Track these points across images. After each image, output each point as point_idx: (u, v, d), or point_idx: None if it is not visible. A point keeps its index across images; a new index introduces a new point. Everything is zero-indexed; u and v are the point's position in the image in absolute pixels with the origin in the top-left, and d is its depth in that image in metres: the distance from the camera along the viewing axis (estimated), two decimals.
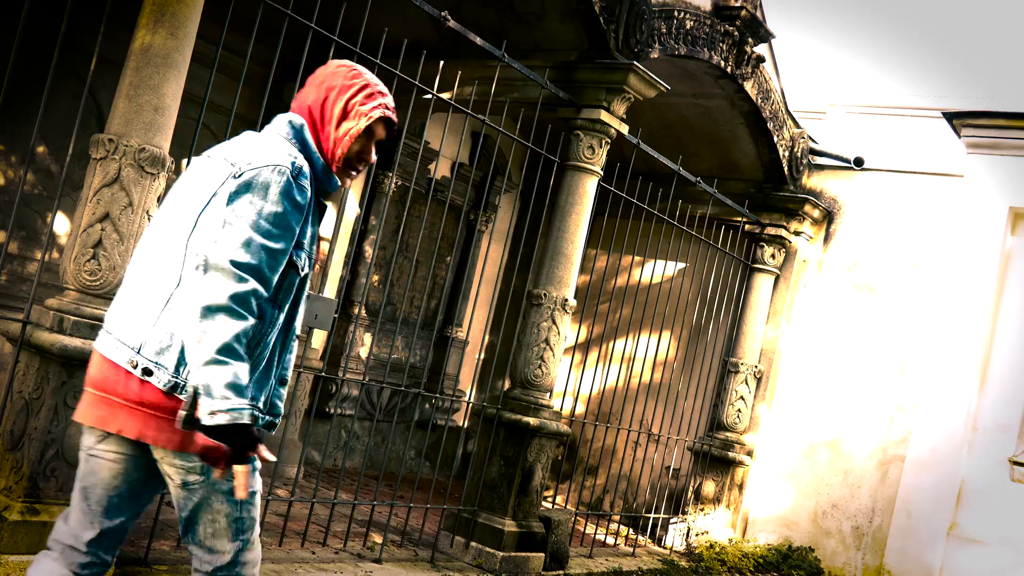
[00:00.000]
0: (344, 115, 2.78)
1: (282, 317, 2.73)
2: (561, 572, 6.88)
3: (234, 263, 2.49)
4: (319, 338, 8.70)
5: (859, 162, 9.72)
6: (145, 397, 2.57)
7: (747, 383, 9.50)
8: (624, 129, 7.12)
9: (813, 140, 9.96)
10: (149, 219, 4.36)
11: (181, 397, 2.55)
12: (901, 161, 9.73)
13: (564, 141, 7.04)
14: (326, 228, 8.05)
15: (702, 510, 9.33)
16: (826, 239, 9.88)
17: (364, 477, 8.85)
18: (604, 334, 10.15)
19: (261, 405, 2.73)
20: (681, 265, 10.06)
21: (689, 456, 9.66)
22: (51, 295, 4.46)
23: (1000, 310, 8.84)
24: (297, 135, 2.78)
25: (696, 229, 8.86)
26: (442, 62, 6.10)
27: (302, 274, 2.75)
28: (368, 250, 9.08)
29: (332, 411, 8.69)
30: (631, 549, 8.49)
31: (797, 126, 9.65)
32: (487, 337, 10.35)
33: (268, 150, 2.68)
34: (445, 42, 6.85)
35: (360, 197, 8.94)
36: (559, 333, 6.93)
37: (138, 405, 2.58)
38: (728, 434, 9.48)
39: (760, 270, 9.66)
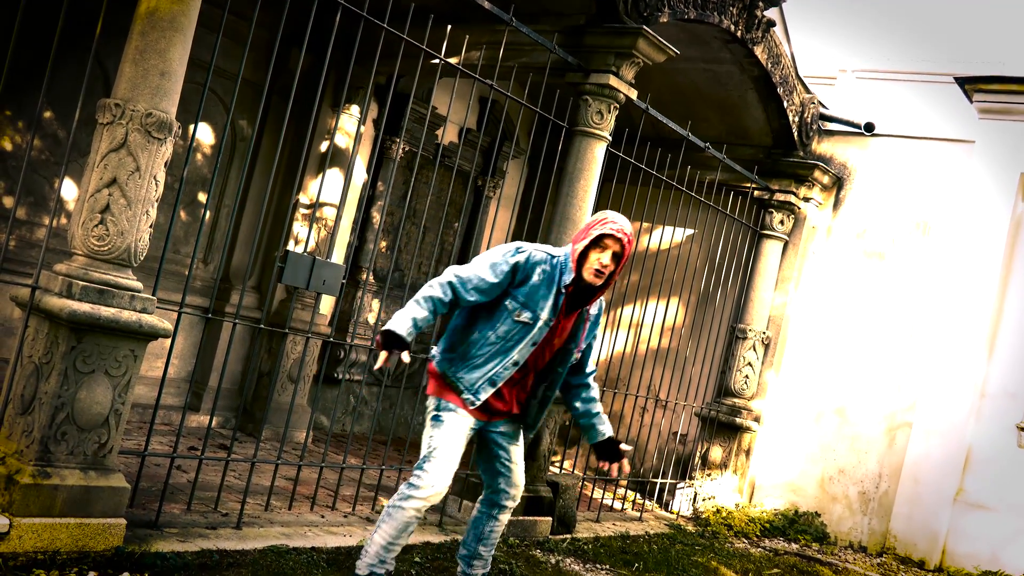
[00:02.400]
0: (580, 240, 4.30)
1: (516, 354, 4.29)
2: (568, 536, 6.93)
3: None
4: (327, 304, 8.72)
5: (869, 127, 9.66)
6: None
7: (755, 349, 9.51)
8: (633, 94, 7.08)
9: (823, 105, 9.88)
10: (157, 184, 4.35)
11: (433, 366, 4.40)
12: (912, 127, 9.66)
13: (572, 106, 7.00)
14: (333, 194, 8.05)
15: (709, 475, 9.37)
16: (835, 205, 9.84)
17: (372, 442, 8.91)
18: (612, 300, 10.15)
19: (413, 322, 4.13)
20: (689, 231, 10.03)
21: (696, 422, 9.69)
22: (60, 260, 4.46)
23: (1010, 277, 8.81)
24: (567, 255, 4.30)
25: (705, 195, 8.83)
26: (449, 26, 6.05)
27: (531, 331, 4.27)
28: (376, 216, 9.07)
29: (340, 377, 8.73)
30: (638, 514, 8.54)
31: (807, 91, 9.58)
32: None
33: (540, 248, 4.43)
34: (453, 6, 6.78)
35: (368, 163, 8.92)
36: None
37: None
38: (735, 400, 9.50)
39: (769, 236, 9.64)
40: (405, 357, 4.04)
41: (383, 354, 4.03)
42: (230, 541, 4.90)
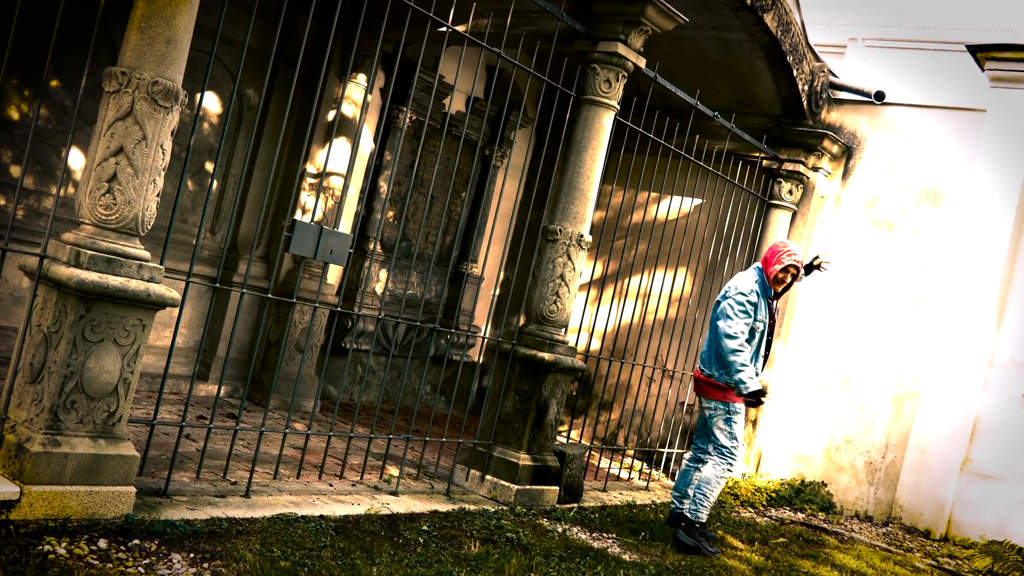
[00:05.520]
0: (774, 265, 6.53)
1: (754, 345, 6.48)
2: (575, 505, 6.96)
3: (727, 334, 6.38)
4: (334, 273, 8.72)
5: (879, 96, 9.58)
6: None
7: None
8: (641, 62, 7.02)
9: (833, 74, 9.80)
10: (164, 153, 4.34)
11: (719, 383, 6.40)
12: (922, 95, 9.60)
13: (580, 75, 6.95)
14: (340, 164, 8.03)
15: None
16: (844, 175, 9.79)
17: (380, 411, 8.94)
18: (620, 270, 10.13)
19: (754, 373, 6.38)
20: (698, 201, 9.99)
21: None
22: (67, 230, 4.46)
23: (1019, 247, 8.77)
24: (758, 271, 6.55)
25: (713, 165, 8.78)
26: None
27: (760, 330, 6.51)
28: (383, 185, 9.05)
29: (348, 346, 8.74)
30: (645, 483, 8.56)
31: (817, 60, 9.50)
32: (502, 273, 10.35)
33: (741, 279, 6.55)
34: None
35: (375, 132, 8.89)
36: (574, 269, 6.92)
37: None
38: None
39: (777, 206, 9.60)
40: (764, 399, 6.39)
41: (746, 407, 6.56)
42: (239, 509, 4.93)
